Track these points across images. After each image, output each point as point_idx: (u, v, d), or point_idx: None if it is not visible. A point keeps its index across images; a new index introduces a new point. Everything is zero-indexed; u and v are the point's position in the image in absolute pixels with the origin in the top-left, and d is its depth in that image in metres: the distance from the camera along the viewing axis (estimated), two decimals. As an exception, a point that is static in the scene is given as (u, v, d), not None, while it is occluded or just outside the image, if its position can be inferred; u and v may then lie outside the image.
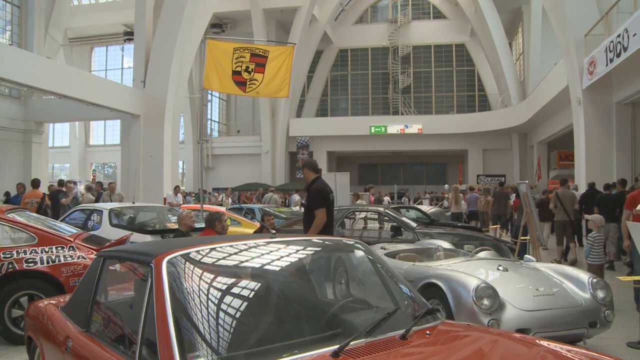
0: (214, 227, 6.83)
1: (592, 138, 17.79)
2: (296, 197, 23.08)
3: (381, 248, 7.56)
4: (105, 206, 10.32)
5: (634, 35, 13.28)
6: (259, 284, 3.04)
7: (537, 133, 30.93)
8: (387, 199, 23.55)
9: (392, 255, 6.99)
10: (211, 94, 38.90)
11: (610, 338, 5.95)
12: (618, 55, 14.40)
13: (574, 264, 10.93)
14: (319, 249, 3.63)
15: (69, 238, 6.26)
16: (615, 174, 16.63)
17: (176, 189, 19.07)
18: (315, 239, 3.89)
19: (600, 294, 5.48)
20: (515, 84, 34.34)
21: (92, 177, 36.34)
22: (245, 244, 3.22)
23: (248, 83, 11.12)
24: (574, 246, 12.56)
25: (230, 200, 23.73)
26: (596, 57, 16.21)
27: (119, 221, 9.80)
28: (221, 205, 20.09)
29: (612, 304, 5.53)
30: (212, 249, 3.05)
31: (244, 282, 2.99)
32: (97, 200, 13.95)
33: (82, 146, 41.75)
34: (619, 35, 14.25)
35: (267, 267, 3.17)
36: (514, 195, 16.32)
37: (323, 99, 43.21)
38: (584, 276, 5.72)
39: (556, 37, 20.26)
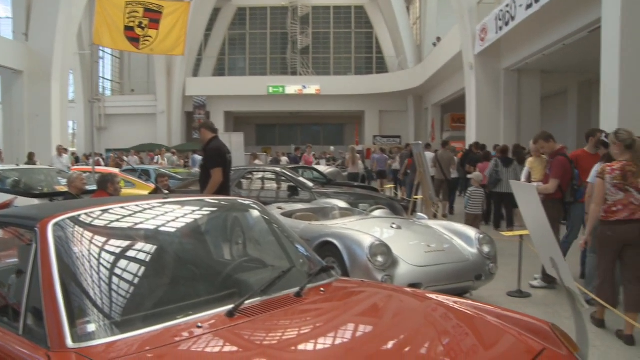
0: (107, 189, 6.59)
1: (482, 102, 18.57)
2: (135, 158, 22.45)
3: (277, 208, 7.57)
4: (-14, 168, 9.70)
5: (520, 5, 13.92)
6: (153, 246, 2.96)
7: (432, 96, 31.90)
8: (285, 159, 23.64)
9: (289, 214, 7.03)
10: (103, 51, 37.02)
11: (493, 289, 6.32)
12: (507, 24, 15.06)
13: (445, 217, 11.74)
14: (215, 209, 3.58)
15: (-57, 202, 5.83)
16: (502, 136, 17.51)
17: (59, 149, 17.30)
18: (209, 199, 3.83)
19: (486, 248, 5.80)
20: (411, 48, 35.05)
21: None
22: (137, 205, 3.11)
23: (141, 39, 10.64)
24: (446, 203, 13.56)
25: (166, 161, 22.46)
26: (487, 25, 16.84)
27: (2, 185, 9.24)
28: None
29: (496, 258, 5.87)
30: (103, 211, 2.92)
31: (137, 245, 2.90)
32: None
33: (-44, 103, 38.80)
34: (507, 5, 14.90)
35: (161, 228, 3.09)
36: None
37: (220, 58, 42.35)
38: (472, 232, 6.03)
39: (451, 2, 20.78)
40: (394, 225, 6.21)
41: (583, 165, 6.64)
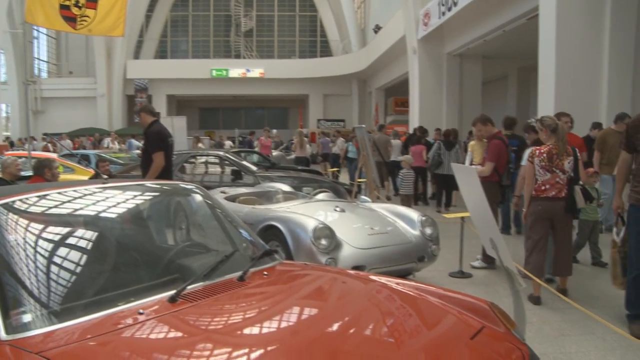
0: (44, 175, 6.39)
1: (425, 86, 18.80)
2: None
3: (221, 192, 7.50)
4: None
5: (463, -8, 14.17)
6: (92, 233, 2.86)
7: (376, 79, 32.12)
8: (228, 142, 23.49)
9: (232, 199, 6.98)
10: (37, 30, 35.71)
11: (435, 270, 6.46)
12: (449, 10, 15.27)
13: (389, 199, 12.03)
14: (156, 194, 3.50)
15: None
16: (445, 119, 17.80)
17: None
18: (150, 183, 3.75)
19: (428, 230, 5.90)
20: (356, 31, 35.19)
21: None
22: (76, 191, 3.00)
23: (78, 19, 10.21)
24: (387, 184, 13.91)
25: (117, 144, 21.84)
26: (430, 10, 17.02)
27: None
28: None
29: (438, 240, 5.98)
30: (39, 197, 2.80)
31: (75, 232, 2.79)
32: None
33: None
34: (450, -10, 15.12)
35: (101, 214, 2.99)
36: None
37: (162, 40, 41.51)
38: (414, 215, 6.11)
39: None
40: (338, 209, 6.24)
41: None
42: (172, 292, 2.40)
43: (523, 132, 7.41)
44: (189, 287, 2.47)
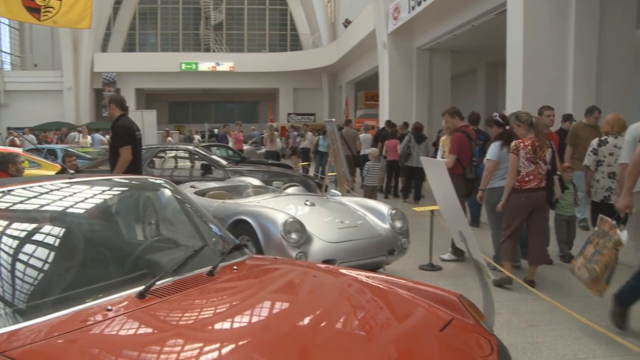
0: (8, 170, 6.23)
1: (395, 80, 18.90)
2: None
3: (190, 187, 7.45)
4: None
5: (432, -14, 14.26)
6: (59, 229, 2.81)
7: (346, 73, 32.16)
8: (197, 137, 23.33)
9: (202, 193, 6.94)
10: None
11: (405, 263, 6.50)
12: (419, 4, 15.39)
13: (353, 189, 12.38)
14: (125, 188, 3.46)
15: None
16: (415, 113, 17.91)
17: None
18: (118, 178, 3.69)
19: (398, 224, 5.93)
20: (326, 25, 35.17)
21: None
22: (41, 186, 2.93)
23: (43, 10, 9.95)
24: (353, 178, 14.02)
25: (89, 138, 21.44)
26: (400, 4, 17.10)
27: None
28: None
29: (408, 233, 6.01)
30: (3, 193, 2.73)
31: (41, 228, 2.74)
32: None
33: None
34: (419, -15, 15.21)
35: (67, 210, 2.93)
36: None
37: (131, 33, 40.95)
38: (384, 208, 6.13)
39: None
40: (308, 203, 6.24)
41: None
42: (141, 287, 2.38)
43: (486, 125, 7.43)
44: (158, 282, 2.44)
